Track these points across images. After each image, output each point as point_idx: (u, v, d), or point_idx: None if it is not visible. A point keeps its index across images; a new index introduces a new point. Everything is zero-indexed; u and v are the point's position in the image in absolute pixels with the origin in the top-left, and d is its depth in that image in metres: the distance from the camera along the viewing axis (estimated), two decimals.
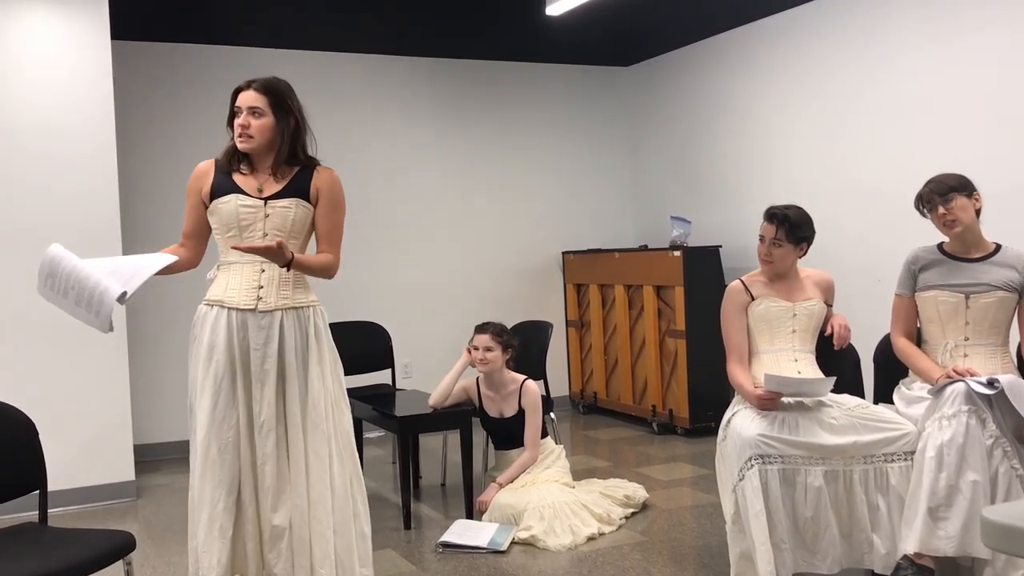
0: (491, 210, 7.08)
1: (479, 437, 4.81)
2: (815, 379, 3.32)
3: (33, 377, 4.81)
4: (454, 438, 4.72)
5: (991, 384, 3.05)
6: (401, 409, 4.71)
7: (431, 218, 6.88)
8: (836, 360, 3.53)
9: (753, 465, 3.16)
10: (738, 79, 6.38)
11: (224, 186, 3.06)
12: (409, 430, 4.74)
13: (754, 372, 3.48)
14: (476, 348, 4.55)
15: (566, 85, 7.34)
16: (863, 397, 3.52)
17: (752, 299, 3.53)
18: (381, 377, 5.63)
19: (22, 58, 4.87)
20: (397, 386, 5.63)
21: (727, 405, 3.51)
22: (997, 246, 3.42)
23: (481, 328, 4.60)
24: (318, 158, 3.19)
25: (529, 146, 7.20)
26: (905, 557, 3.11)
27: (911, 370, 3.49)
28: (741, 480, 3.18)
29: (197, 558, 2.99)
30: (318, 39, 6.43)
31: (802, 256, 3.57)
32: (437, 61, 6.90)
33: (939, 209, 3.36)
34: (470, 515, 4.43)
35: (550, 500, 4.21)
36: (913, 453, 3.17)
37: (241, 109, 3.05)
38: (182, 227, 3.18)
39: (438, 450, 5.50)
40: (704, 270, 6.08)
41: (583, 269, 7.08)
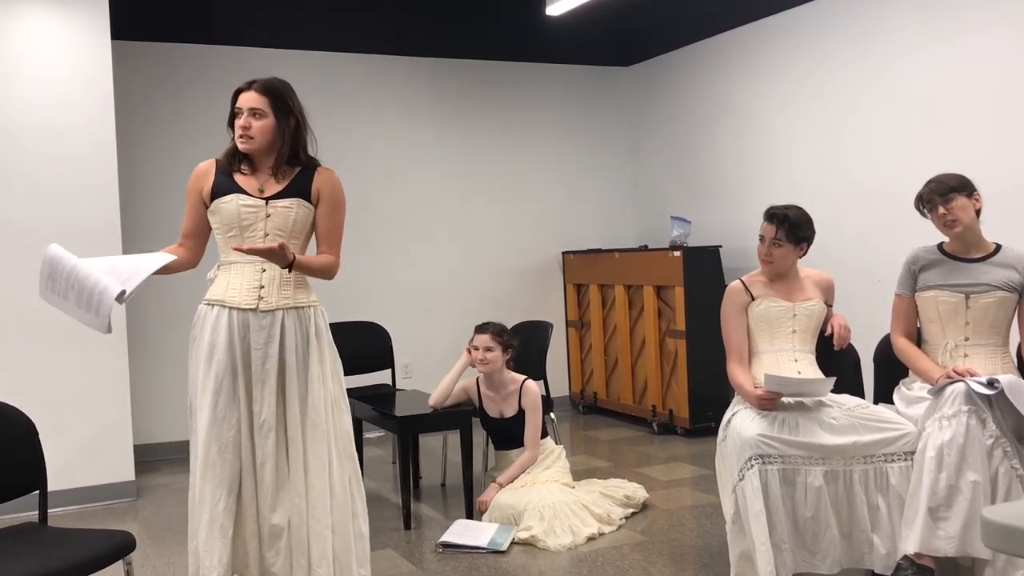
0: (491, 210, 7.07)
1: (479, 437, 4.81)
2: (815, 379, 3.32)
3: (33, 377, 4.81)
4: (454, 438, 4.72)
5: (991, 384, 3.05)
6: (401, 409, 4.70)
7: (431, 218, 6.88)
8: (836, 360, 3.53)
9: (753, 465, 3.16)
10: (738, 79, 6.38)
11: (225, 186, 3.06)
12: (409, 430, 4.74)
13: (754, 372, 3.48)
14: (476, 348, 4.55)
15: (566, 85, 7.33)
16: (863, 397, 3.52)
17: (752, 299, 3.53)
18: (381, 377, 5.63)
19: (22, 58, 4.87)
20: (397, 386, 5.63)
21: (727, 405, 3.50)
22: (997, 246, 3.42)
23: (481, 328, 4.60)
24: (318, 158, 3.19)
25: (529, 146, 7.20)
26: (905, 557, 3.11)
27: (911, 370, 3.49)
28: (741, 480, 3.18)
29: (198, 558, 2.99)
30: (318, 39, 6.43)
31: (802, 256, 3.57)
32: (437, 61, 6.90)
33: (939, 209, 3.36)
34: (470, 515, 4.43)
35: (550, 500, 4.21)
36: (913, 453, 3.17)
37: (242, 110, 3.05)
38: (181, 227, 3.18)
39: (438, 450, 5.50)
40: (704, 270, 6.08)
41: (583, 269, 7.08)
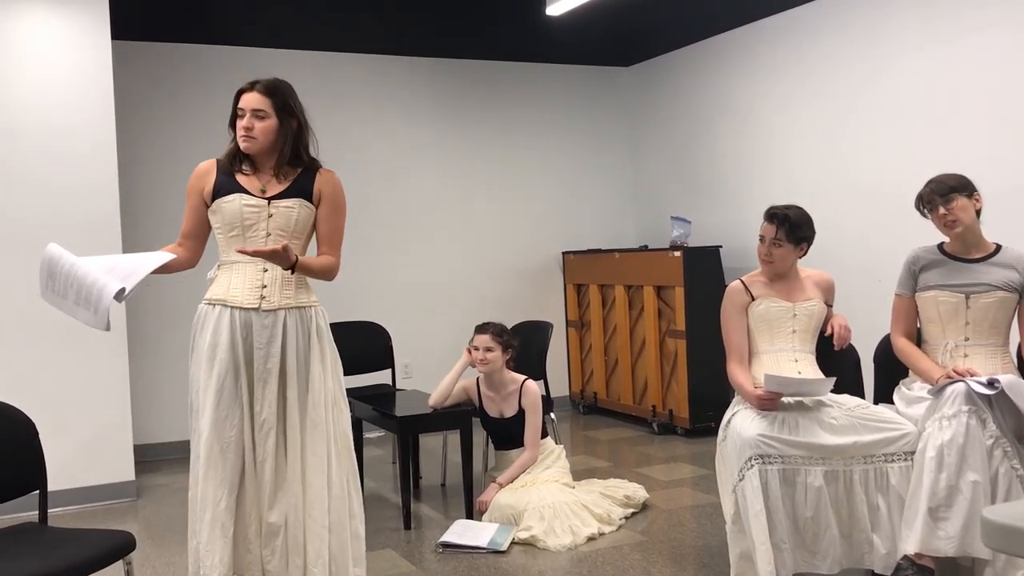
0: (491, 210, 7.07)
1: (479, 437, 4.81)
2: (815, 379, 3.32)
3: (33, 377, 4.81)
4: (454, 438, 4.71)
5: (991, 384, 3.05)
6: (401, 409, 4.70)
7: (431, 218, 6.88)
8: (836, 360, 3.53)
9: (753, 465, 3.16)
10: (739, 79, 6.38)
11: (227, 186, 3.06)
12: (409, 430, 4.74)
13: (754, 372, 3.48)
14: (476, 348, 4.55)
15: (566, 85, 7.33)
16: (863, 397, 3.52)
17: (752, 299, 3.53)
18: (381, 377, 5.63)
19: (22, 58, 4.87)
20: (397, 386, 5.63)
21: (727, 405, 3.50)
22: (997, 246, 3.42)
23: (481, 328, 4.60)
24: (319, 159, 3.19)
25: (529, 146, 7.20)
26: (905, 557, 3.11)
27: (911, 370, 3.49)
28: (741, 480, 3.18)
29: (198, 557, 2.99)
30: (318, 39, 6.43)
31: (802, 256, 3.57)
32: (437, 61, 6.89)
33: (939, 209, 3.36)
34: (470, 515, 4.43)
35: (550, 500, 4.20)
36: (913, 453, 3.17)
37: (245, 111, 3.04)
38: (181, 227, 3.18)
39: (438, 450, 5.50)
40: (704, 270, 6.08)
41: (583, 269, 7.08)
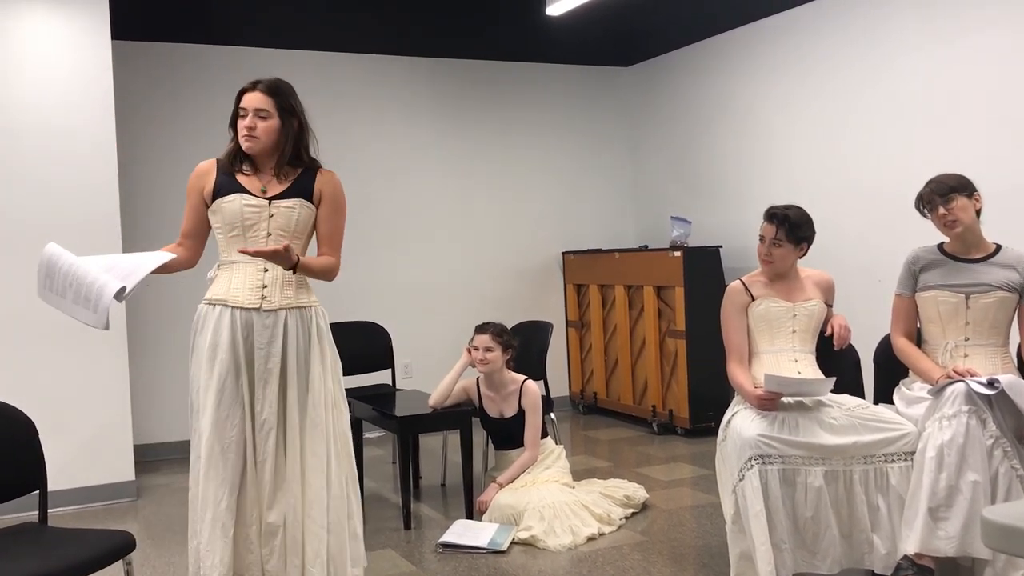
0: (491, 210, 7.07)
1: (479, 437, 4.81)
2: (815, 379, 3.32)
3: (33, 377, 4.80)
4: (454, 438, 4.71)
5: (991, 384, 3.05)
6: (401, 409, 4.70)
7: (431, 218, 6.88)
8: (836, 360, 3.53)
9: (753, 465, 3.16)
10: (738, 79, 6.38)
11: (227, 185, 3.06)
12: (409, 430, 4.74)
13: (754, 372, 3.48)
14: (476, 348, 4.55)
15: (566, 85, 7.33)
16: (863, 397, 3.52)
17: (752, 299, 3.53)
18: (381, 377, 5.63)
19: (22, 58, 4.86)
20: (397, 386, 5.63)
21: (727, 405, 3.50)
22: (997, 246, 3.42)
23: (481, 328, 4.60)
24: (319, 159, 3.19)
25: (529, 146, 7.20)
26: (905, 557, 3.11)
27: (911, 370, 3.49)
28: (741, 480, 3.18)
29: (199, 557, 2.98)
30: (318, 39, 6.43)
31: (802, 256, 3.57)
32: (437, 61, 6.89)
33: (939, 209, 3.36)
34: (470, 515, 4.42)
35: (550, 500, 4.20)
36: (913, 453, 3.17)
37: (247, 110, 3.05)
38: (181, 227, 3.18)
39: (438, 450, 5.50)
40: (704, 270, 6.08)
41: (583, 269, 7.08)
